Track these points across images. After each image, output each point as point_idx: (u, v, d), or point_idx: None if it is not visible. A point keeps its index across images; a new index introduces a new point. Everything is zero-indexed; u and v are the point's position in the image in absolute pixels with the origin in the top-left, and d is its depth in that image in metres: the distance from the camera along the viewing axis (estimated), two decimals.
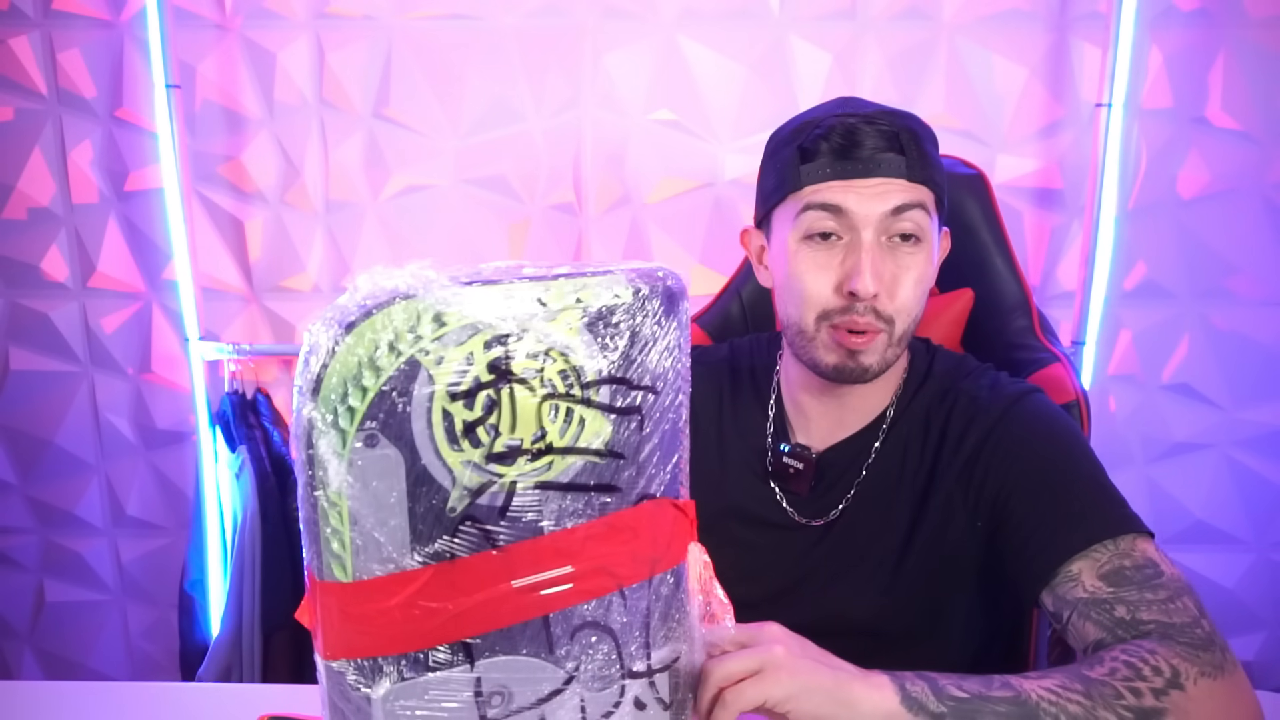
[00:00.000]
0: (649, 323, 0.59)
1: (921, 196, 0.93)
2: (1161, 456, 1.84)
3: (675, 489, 0.64)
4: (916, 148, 0.92)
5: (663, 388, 0.60)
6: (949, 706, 0.70)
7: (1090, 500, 0.88)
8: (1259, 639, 1.90)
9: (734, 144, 1.74)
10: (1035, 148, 1.73)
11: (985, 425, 0.96)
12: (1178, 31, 1.67)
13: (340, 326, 0.53)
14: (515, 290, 0.55)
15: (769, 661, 0.68)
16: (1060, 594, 0.84)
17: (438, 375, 0.53)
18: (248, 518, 1.68)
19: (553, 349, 0.55)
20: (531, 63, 1.72)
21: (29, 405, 1.91)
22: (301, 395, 0.54)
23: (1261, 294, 1.76)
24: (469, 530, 0.56)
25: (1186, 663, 0.74)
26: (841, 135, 0.92)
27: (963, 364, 1.05)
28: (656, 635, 0.63)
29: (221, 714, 0.94)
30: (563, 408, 0.56)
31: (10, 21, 1.74)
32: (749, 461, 1.06)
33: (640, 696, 0.63)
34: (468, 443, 0.54)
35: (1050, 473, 0.91)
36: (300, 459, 0.55)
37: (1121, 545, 0.84)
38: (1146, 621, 0.78)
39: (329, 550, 0.55)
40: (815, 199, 0.93)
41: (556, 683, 0.59)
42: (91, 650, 2.03)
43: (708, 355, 1.15)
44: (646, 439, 0.60)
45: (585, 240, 1.80)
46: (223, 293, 1.84)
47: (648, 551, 0.61)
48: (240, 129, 1.77)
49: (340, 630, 0.56)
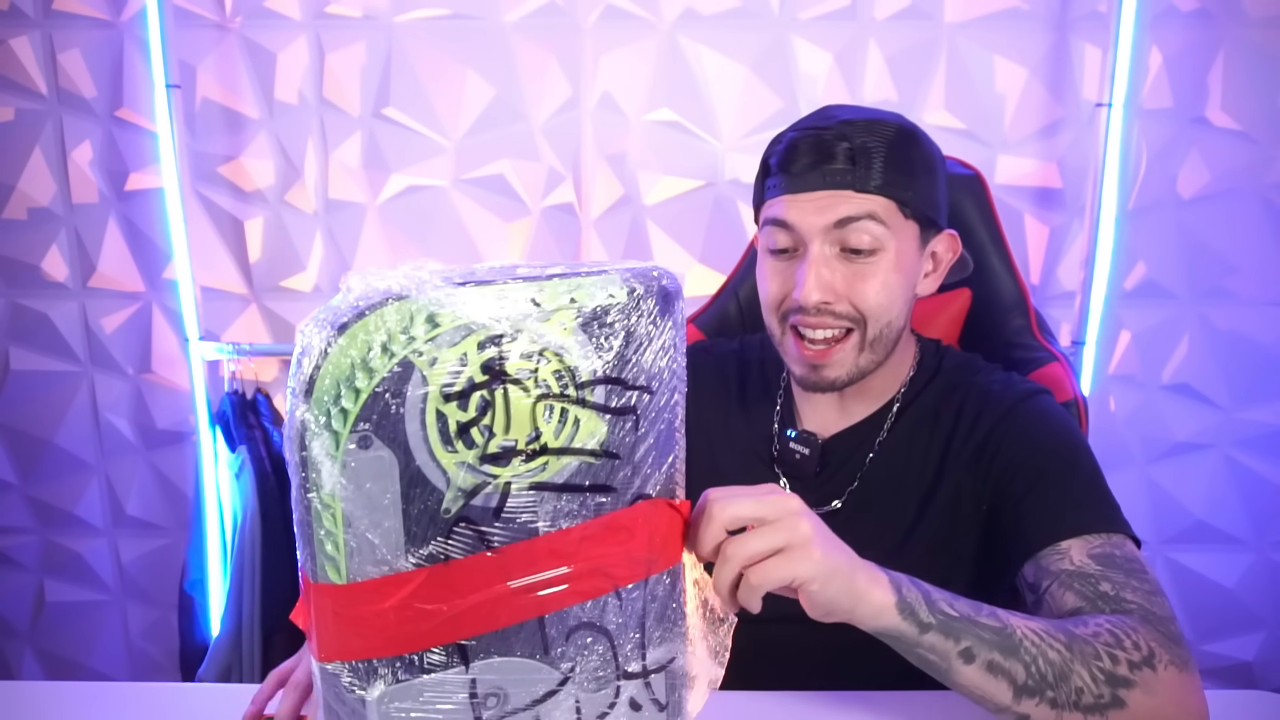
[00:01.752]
0: (644, 323, 0.59)
1: (872, 207, 0.92)
2: (1161, 456, 1.83)
3: (671, 489, 0.64)
4: (875, 158, 0.92)
5: (658, 388, 0.60)
6: (938, 620, 0.71)
7: (1090, 495, 0.90)
8: (1259, 639, 1.90)
9: (734, 144, 1.74)
10: (1035, 148, 1.73)
11: (996, 415, 0.97)
12: (1178, 31, 1.67)
13: (332, 327, 0.53)
14: (509, 291, 0.55)
15: (795, 539, 0.66)
16: (1044, 565, 0.86)
17: (431, 376, 0.53)
18: (248, 518, 1.68)
19: (547, 349, 0.55)
20: (531, 63, 1.72)
21: (29, 405, 1.91)
22: (294, 396, 0.53)
23: (1261, 294, 1.76)
24: (463, 532, 0.55)
25: (1161, 649, 0.76)
26: (787, 150, 0.94)
27: (972, 361, 1.07)
28: (652, 636, 0.63)
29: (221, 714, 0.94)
30: (557, 408, 0.56)
31: (10, 21, 1.74)
32: (755, 449, 1.08)
33: (636, 697, 0.63)
34: (462, 444, 0.54)
35: (1054, 463, 0.92)
36: (293, 460, 0.54)
37: (1114, 539, 0.86)
38: (1130, 601, 0.80)
39: (323, 552, 0.55)
40: (768, 214, 0.97)
41: (551, 684, 0.59)
42: (91, 650, 2.04)
43: (716, 347, 1.18)
44: (642, 439, 0.60)
45: (585, 240, 1.80)
46: (222, 293, 1.84)
47: (643, 552, 0.61)
48: (240, 129, 1.77)
49: (335, 632, 0.56)
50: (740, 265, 1.36)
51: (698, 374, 1.13)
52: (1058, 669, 0.72)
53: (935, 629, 0.71)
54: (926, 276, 1.01)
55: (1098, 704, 0.72)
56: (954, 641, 0.71)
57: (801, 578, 0.65)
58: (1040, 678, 0.72)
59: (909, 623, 0.70)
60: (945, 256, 1.02)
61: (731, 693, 0.90)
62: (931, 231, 0.99)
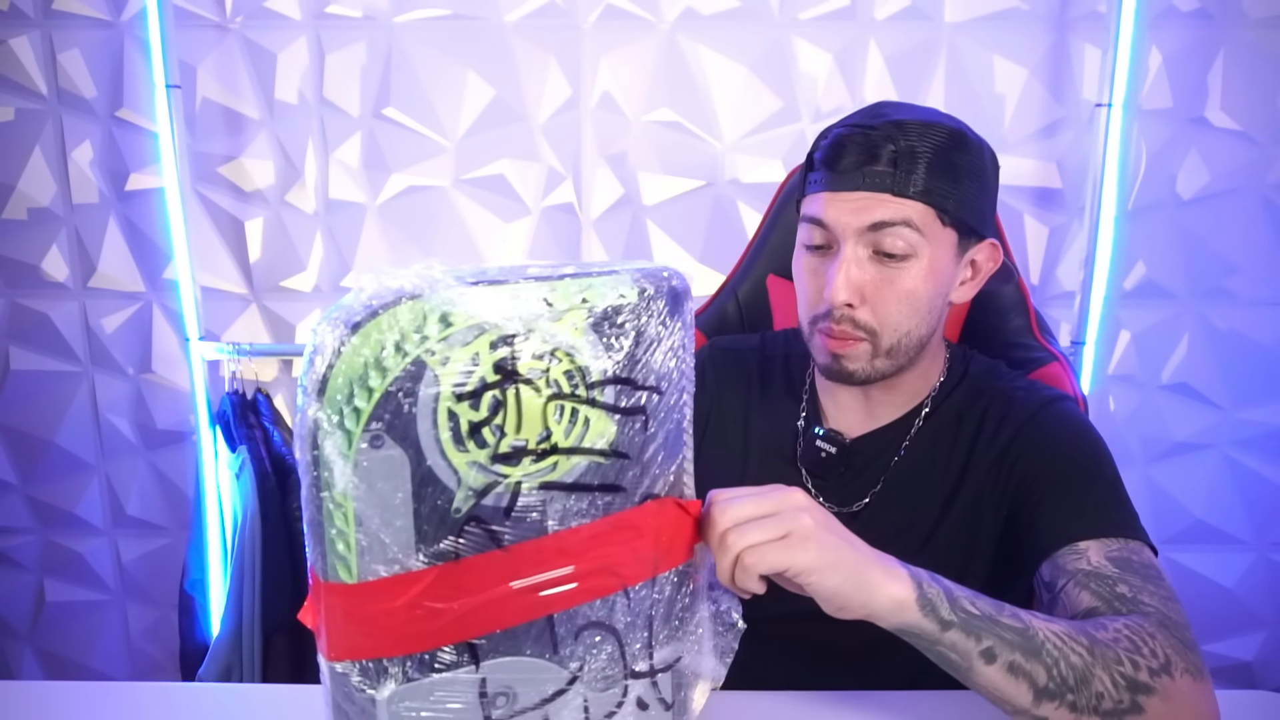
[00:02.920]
0: (654, 323, 0.59)
1: (909, 214, 0.90)
2: (1161, 456, 1.84)
3: (679, 488, 0.64)
4: (918, 162, 0.90)
5: (667, 388, 0.61)
6: (959, 618, 0.71)
7: (1110, 500, 0.90)
8: (1259, 639, 1.91)
9: (734, 144, 1.74)
10: (1035, 148, 1.73)
11: (1019, 421, 0.97)
12: (1177, 31, 1.67)
13: (346, 327, 0.52)
14: (521, 290, 0.54)
15: (795, 530, 0.66)
16: (1061, 564, 0.85)
17: (443, 376, 0.53)
18: (248, 518, 1.68)
19: (558, 349, 0.55)
20: (531, 63, 1.72)
21: (29, 405, 1.91)
22: (306, 396, 0.53)
23: (1261, 294, 1.76)
24: (474, 531, 0.55)
25: (1178, 656, 0.75)
26: (832, 146, 0.93)
27: (996, 367, 1.07)
28: (659, 635, 0.63)
29: (221, 714, 0.94)
30: (568, 408, 0.56)
31: (10, 21, 1.73)
32: (779, 447, 1.07)
33: (643, 696, 0.63)
34: (473, 443, 0.54)
35: (1075, 468, 0.92)
36: (305, 460, 0.54)
37: (1132, 545, 0.85)
38: (1147, 605, 0.79)
39: (334, 551, 0.55)
40: (806, 210, 0.96)
41: (560, 683, 0.59)
42: (91, 650, 2.03)
43: (739, 344, 1.16)
44: (651, 439, 0.60)
45: (585, 240, 1.80)
46: (223, 293, 1.84)
47: (651, 551, 0.61)
48: (240, 129, 1.77)
49: (344, 631, 0.56)
50: (739, 265, 1.36)
51: (719, 370, 1.13)
52: (1079, 672, 0.72)
53: (957, 627, 0.70)
54: (963, 284, 0.99)
55: (1117, 709, 0.72)
56: (975, 641, 0.71)
57: (798, 566, 0.65)
58: (1061, 681, 0.71)
59: (930, 619, 0.70)
60: (985, 266, 1.00)
61: (733, 693, 0.90)
62: (972, 240, 0.97)
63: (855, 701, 0.91)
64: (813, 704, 0.91)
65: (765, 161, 1.73)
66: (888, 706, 0.90)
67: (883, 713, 0.89)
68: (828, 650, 0.98)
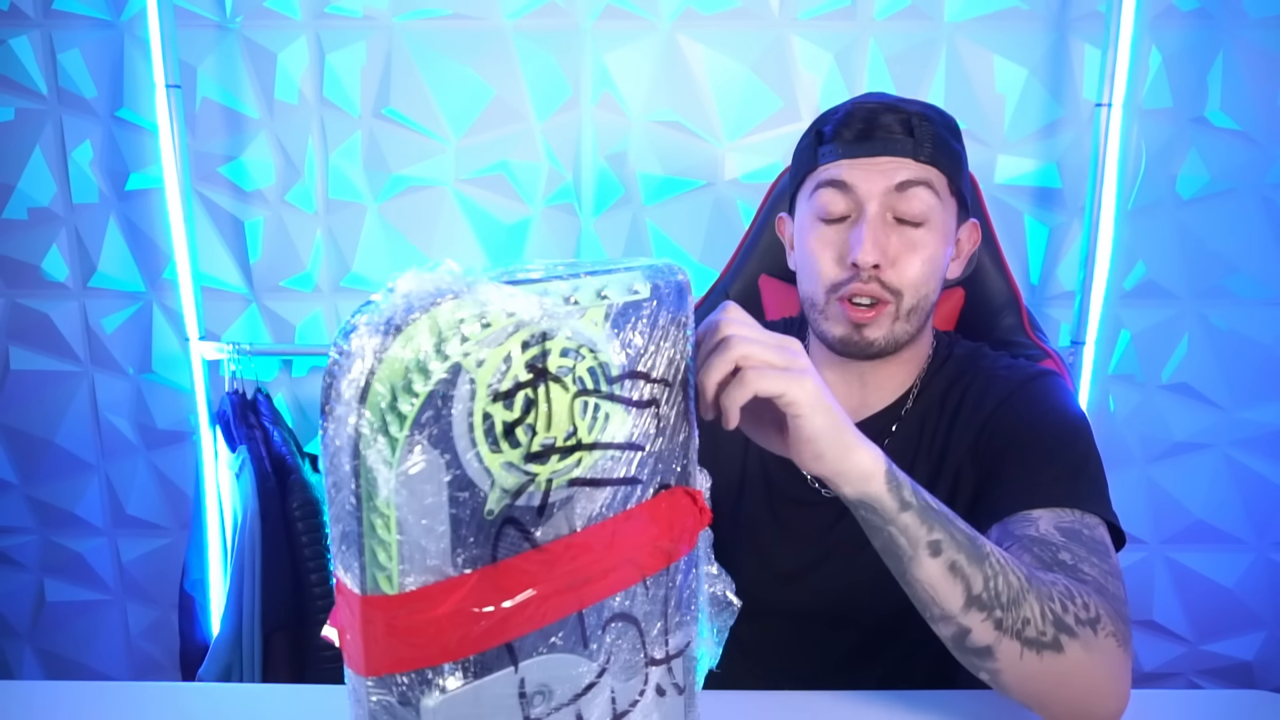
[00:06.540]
0: (664, 317, 0.60)
1: (928, 176, 0.95)
2: (1161, 456, 1.84)
3: (686, 477, 0.65)
4: (928, 131, 0.95)
5: (675, 379, 0.62)
6: (918, 504, 0.72)
7: (1077, 474, 0.90)
8: (1259, 639, 1.91)
9: (734, 144, 1.74)
10: (1035, 148, 1.73)
11: (999, 397, 0.98)
12: (1177, 31, 1.67)
13: (386, 330, 0.51)
14: (550, 289, 0.55)
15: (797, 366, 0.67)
16: (1010, 529, 0.86)
17: (479, 377, 0.52)
18: (248, 518, 1.68)
19: (583, 346, 0.56)
20: (531, 63, 1.72)
21: (29, 405, 1.91)
22: (345, 404, 0.51)
23: (1261, 294, 1.76)
24: (509, 532, 0.55)
25: (1109, 619, 0.76)
26: (850, 117, 0.97)
27: (980, 349, 1.08)
28: (673, 621, 0.65)
29: (221, 714, 0.94)
30: (591, 403, 0.57)
31: (10, 21, 1.73)
32: None
33: (660, 683, 0.64)
34: (507, 444, 0.54)
35: (1045, 439, 0.93)
36: (343, 471, 0.52)
37: (1088, 520, 0.86)
38: (1087, 573, 0.80)
39: (375, 563, 0.53)
40: (824, 176, 0.97)
41: (591, 676, 0.60)
42: (91, 650, 2.03)
43: None
44: (662, 430, 0.61)
45: (585, 240, 1.80)
46: (223, 293, 1.84)
47: (666, 540, 0.63)
48: (240, 129, 1.77)
49: (386, 644, 0.54)
50: (730, 265, 1.36)
51: None
52: (1014, 592, 0.73)
53: (915, 510, 0.72)
54: (954, 260, 1.03)
55: (1039, 640, 0.73)
56: (927, 530, 0.72)
57: (792, 396, 0.66)
58: (995, 595, 0.72)
59: (892, 496, 0.71)
60: (966, 245, 1.04)
61: (733, 692, 0.90)
62: (964, 215, 1.02)
63: (855, 701, 0.91)
64: (814, 704, 0.91)
65: (765, 161, 1.73)
66: (884, 707, 0.90)
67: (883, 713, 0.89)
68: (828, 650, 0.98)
